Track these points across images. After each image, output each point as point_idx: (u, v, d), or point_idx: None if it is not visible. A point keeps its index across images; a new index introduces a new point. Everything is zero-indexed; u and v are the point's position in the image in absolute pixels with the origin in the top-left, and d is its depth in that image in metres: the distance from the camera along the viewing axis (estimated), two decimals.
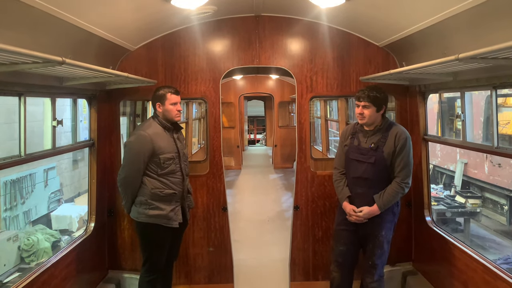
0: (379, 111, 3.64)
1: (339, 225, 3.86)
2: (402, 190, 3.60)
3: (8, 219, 10.75)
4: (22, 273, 8.88)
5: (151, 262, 3.80)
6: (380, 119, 3.69)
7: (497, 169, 12.39)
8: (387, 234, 3.70)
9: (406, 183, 3.60)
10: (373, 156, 3.62)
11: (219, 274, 4.73)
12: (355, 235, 3.76)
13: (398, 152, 3.59)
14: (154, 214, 3.69)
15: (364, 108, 3.63)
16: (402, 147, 3.58)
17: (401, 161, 3.59)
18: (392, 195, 3.59)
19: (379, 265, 3.68)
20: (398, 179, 3.60)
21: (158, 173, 3.71)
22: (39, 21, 2.70)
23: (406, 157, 3.60)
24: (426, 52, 3.78)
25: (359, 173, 3.68)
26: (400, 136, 3.61)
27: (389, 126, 3.69)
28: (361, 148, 3.70)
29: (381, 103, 3.63)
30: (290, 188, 9.48)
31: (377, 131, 3.68)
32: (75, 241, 4.11)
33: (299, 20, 4.65)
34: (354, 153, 3.73)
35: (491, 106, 3.51)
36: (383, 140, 3.63)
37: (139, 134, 3.72)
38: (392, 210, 3.70)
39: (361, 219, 3.64)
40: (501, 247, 10.79)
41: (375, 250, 3.66)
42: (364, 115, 3.63)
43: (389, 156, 3.60)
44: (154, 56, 4.62)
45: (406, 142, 3.60)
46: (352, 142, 3.77)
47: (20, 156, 3.22)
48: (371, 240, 3.68)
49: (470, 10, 2.70)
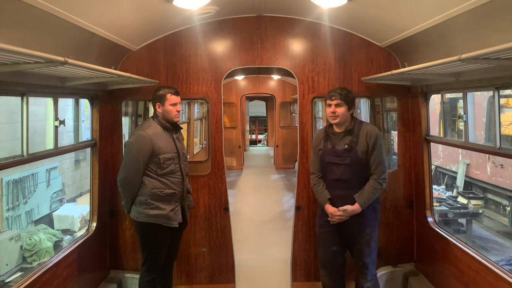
0: (350, 110, 3.73)
1: (322, 227, 3.88)
2: (380, 186, 3.66)
3: (11, 219, 10.78)
4: (24, 273, 8.90)
5: (150, 262, 3.81)
6: (349, 120, 3.76)
7: (499, 170, 12.36)
8: (372, 232, 3.73)
9: (383, 179, 3.67)
10: (348, 157, 3.68)
11: (221, 274, 4.73)
12: (339, 236, 3.78)
13: (371, 150, 3.66)
14: (154, 214, 3.69)
15: (337, 107, 3.71)
16: (374, 144, 3.66)
17: (375, 158, 3.66)
18: (371, 191, 3.65)
19: (370, 264, 3.70)
20: (375, 176, 3.67)
21: (158, 173, 3.72)
22: (41, 21, 2.71)
23: (379, 153, 3.67)
24: (428, 53, 3.77)
25: (337, 175, 3.73)
26: (371, 134, 3.68)
27: (359, 125, 3.75)
28: (335, 150, 3.75)
29: (351, 102, 3.73)
30: (292, 189, 9.47)
31: (348, 132, 3.74)
32: (77, 241, 4.12)
33: (301, 21, 4.65)
34: (329, 156, 3.77)
35: (493, 106, 3.50)
36: (355, 140, 3.69)
37: (138, 134, 3.73)
38: (374, 207, 3.75)
39: (344, 218, 3.67)
40: (503, 248, 10.76)
41: (363, 250, 3.69)
42: (337, 114, 3.71)
43: (364, 155, 3.67)
44: (156, 56, 4.63)
45: (377, 139, 3.68)
46: (325, 145, 3.82)
47: (22, 156, 3.23)
48: (358, 240, 3.71)
49: (472, 10, 2.69)
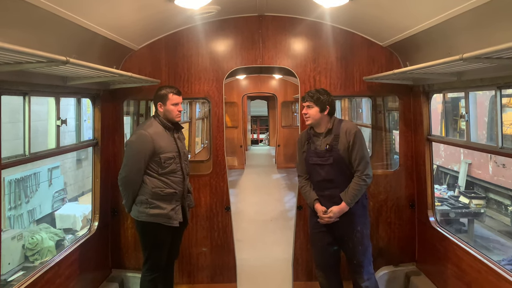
0: (322, 112, 3.74)
1: (313, 228, 3.89)
2: (364, 182, 3.66)
3: (13, 218, 10.81)
4: (26, 272, 8.92)
5: (152, 261, 3.81)
6: (327, 120, 3.78)
7: (501, 169, 12.33)
8: (364, 229, 3.73)
9: (366, 175, 3.67)
10: (330, 157, 3.70)
11: (222, 273, 4.73)
12: (330, 236, 3.78)
13: (352, 147, 3.67)
14: (155, 213, 3.70)
15: (308, 108, 3.76)
16: (354, 141, 3.67)
17: (356, 155, 3.67)
18: (356, 189, 3.65)
19: (364, 261, 3.70)
20: (359, 172, 3.67)
21: (159, 173, 3.72)
22: (43, 20, 2.71)
23: (360, 150, 3.68)
24: (430, 52, 3.77)
25: (322, 176, 3.75)
26: (350, 132, 3.70)
27: (338, 124, 3.77)
28: (318, 151, 3.77)
29: (323, 104, 3.73)
30: (293, 188, 9.48)
31: (328, 132, 3.76)
32: (79, 240, 4.13)
33: (302, 20, 4.65)
34: (312, 157, 3.79)
35: (495, 106, 3.50)
36: (336, 139, 3.71)
37: (140, 134, 3.73)
38: (362, 203, 3.76)
39: (332, 219, 3.68)
40: (505, 248, 10.73)
41: (356, 248, 3.69)
42: (308, 115, 3.76)
43: (345, 153, 3.68)
44: (157, 55, 4.64)
45: (356, 135, 3.69)
46: (309, 147, 3.84)
47: (24, 155, 3.24)
48: (350, 238, 3.71)
49: (474, 9, 2.69)
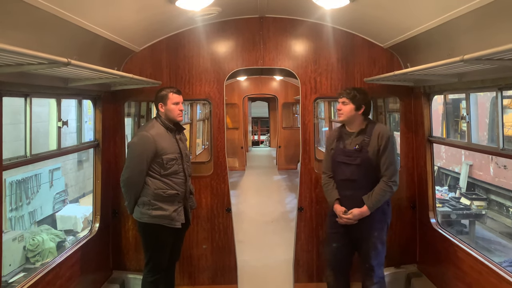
0: (357, 110, 3.69)
1: (330, 228, 3.87)
2: (390, 189, 3.60)
3: (14, 219, 10.81)
4: (27, 273, 8.92)
5: (154, 263, 3.81)
6: (361, 120, 3.74)
7: (502, 171, 12.31)
8: (380, 235, 3.69)
9: (393, 182, 3.61)
10: (358, 157, 3.65)
11: (223, 275, 4.73)
12: (346, 237, 3.76)
13: (382, 151, 3.61)
14: (157, 214, 3.70)
15: (343, 105, 3.71)
16: (386, 146, 3.61)
17: (386, 160, 3.61)
18: (380, 194, 3.59)
19: (376, 266, 3.67)
20: (385, 178, 3.61)
21: (161, 174, 3.73)
22: (44, 22, 2.72)
23: (390, 155, 3.62)
24: (431, 53, 3.77)
25: (346, 175, 3.71)
26: (383, 136, 3.63)
27: (372, 126, 3.72)
28: (346, 150, 3.73)
29: (360, 102, 3.68)
30: (294, 189, 9.47)
31: (360, 132, 3.71)
32: (80, 242, 4.13)
33: (303, 21, 4.65)
34: (340, 155, 3.76)
35: (496, 107, 3.50)
36: (367, 140, 3.65)
37: (142, 135, 3.74)
38: (383, 209, 3.70)
39: (351, 221, 3.64)
40: (506, 249, 10.71)
41: (370, 252, 3.66)
42: (342, 111, 3.72)
43: (374, 156, 3.62)
44: (158, 57, 4.64)
45: (389, 140, 3.63)
46: (338, 145, 3.81)
47: (25, 156, 3.25)
48: (365, 242, 3.68)
49: (475, 11, 2.69)
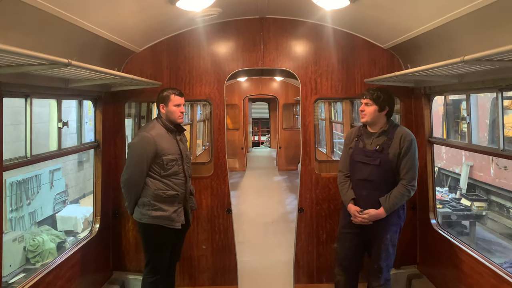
0: (381, 111, 3.65)
1: (344, 228, 3.84)
2: (408, 193, 3.58)
3: (14, 220, 10.80)
4: (27, 274, 8.91)
5: (154, 263, 3.81)
6: (384, 121, 3.69)
7: (503, 172, 12.30)
8: (393, 238, 3.66)
9: (412, 186, 3.58)
10: (378, 158, 3.61)
11: (223, 275, 4.72)
12: (359, 238, 3.74)
13: (403, 154, 3.57)
14: (157, 215, 3.70)
15: (366, 106, 3.67)
16: (408, 149, 3.57)
17: (406, 163, 3.57)
18: (398, 197, 3.57)
19: (385, 268, 3.65)
20: (404, 181, 3.58)
21: (161, 175, 3.73)
22: (45, 23, 2.72)
23: (411, 159, 3.58)
24: (432, 54, 3.77)
25: (364, 175, 3.66)
26: (405, 138, 3.60)
27: (394, 128, 3.69)
28: (366, 150, 3.69)
29: (383, 103, 3.64)
30: (294, 190, 9.46)
31: (382, 133, 3.67)
32: (80, 242, 4.13)
33: (303, 22, 4.65)
34: (359, 155, 3.72)
35: (497, 108, 3.49)
36: (388, 142, 3.62)
37: (142, 136, 3.74)
38: (398, 213, 3.67)
39: (366, 221, 3.62)
40: (507, 250, 10.69)
41: (381, 254, 3.63)
42: (365, 112, 3.68)
43: (394, 158, 3.58)
44: (159, 58, 4.64)
45: (411, 144, 3.59)
46: (357, 144, 3.77)
47: (26, 157, 3.25)
48: (376, 243, 3.65)
49: (476, 12, 2.68)
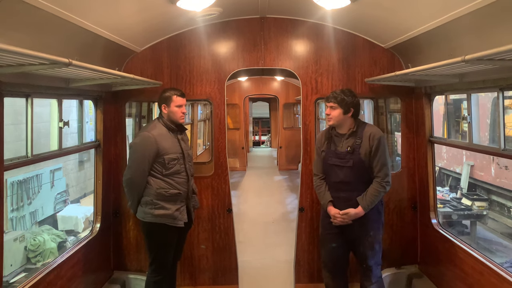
0: (346, 114, 3.69)
1: (325, 229, 3.87)
2: (383, 189, 3.64)
3: (15, 220, 10.82)
4: (28, 273, 8.92)
5: (158, 262, 3.82)
6: (351, 122, 3.74)
7: (504, 171, 12.28)
8: (376, 234, 3.70)
9: (386, 182, 3.64)
10: (350, 159, 3.66)
11: (224, 275, 4.73)
12: (341, 238, 3.77)
13: (374, 152, 3.62)
14: (160, 213, 3.72)
15: (331, 109, 3.71)
16: (377, 147, 3.62)
17: (378, 161, 3.62)
18: (374, 194, 3.62)
19: (374, 266, 3.68)
20: (379, 179, 3.64)
21: (163, 174, 3.75)
22: (46, 23, 2.72)
23: (382, 156, 3.63)
24: (432, 54, 3.76)
25: (340, 177, 3.71)
26: (374, 136, 3.64)
27: (362, 127, 3.73)
28: (338, 152, 3.73)
29: (348, 106, 3.68)
30: (295, 190, 9.47)
31: (351, 134, 3.72)
32: (81, 242, 4.13)
33: (304, 22, 4.65)
34: (332, 158, 3.76)
35: (497, 108, 3.49)
36: (358, 142, 3.66)
37: (143, 135, 3.76)
38: (377, 209, 3.72)
39: (346, 221, 3.65)
40: (508, 250, 10.68)
41: (367, 252, 3.67)
42: (331, 116, 3.72)
43: (366, 157, 3.63)
44: (159, 57, 4.65)
45: (380, 141, 3.64)
46: (328, 147, 3.80)
47: (27, 156, 3.25)
48: (361, 242, 3.69)
49: (476, 11, 2.68)
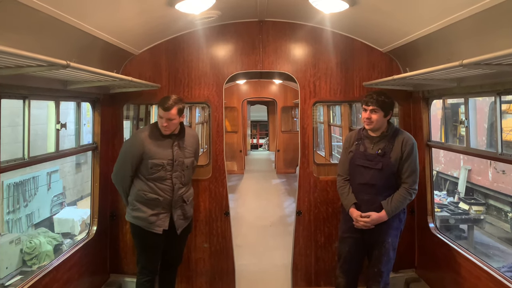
0: (386, 116, 3.63)
1: (345, 232, 3.82)
2: (410, 196, 3.59)
3: (11, 222, 10.76)
4: (24, 276, 8.88)
5: (141, 264, 3.84)
6: (386, 125, 3.68)
7: (501, 176, 12.32)
8: (393, 241, 3.66)
9: (414, 189, 3.60)
10: (380, 162, 3.60)
11: (221, 279, 4.70)
12: (360, 242, 3.73)
13: (405, 158, 3.57)
14: (136, 215, 3.75)
15: (372, 113, 3.60)
16: (409, 153, 3.58)
17: (408, 167, 3.58)
18: (400, 201, 3.57)
19: (385, 272, 3.64)
20: (406, 185, 3.58)
21: (146, 177, 3.74)
22: (44, 24, 2.72)
23: (413, 163, 3.59)
24: (430, 58, 3.77)
25: (365, 179, 3.65)
26: (407, 142, 3.61)
27: (395, 132, 3.69)
28: (367, 154, 3.67)
29: (388, 108, 3.63)
30: (293, 193, 9.46)
31: (383, 137, 3.66)
32: (77, 245, 4.11)
33: (302, 25, 4.66)
34: (360, 159, 3.70)
35: (495, 112, 3.50)
36: (390, 146, 3.61)
37: (133, 135, 3.87)
38: (399, 216, 3.67)
39: (368, 225, 3.61)
40: (505, 254, 10.70)
41: (381, 257, 3.62)
42: (372, 120, 3.60)
43: (396, 162, 3.58)
44: (158, 60, 4.64)
45: (413, 148, 3.60)
46: (358, 148, 3.74)
47: (23, 159, 3.24)
48: (377, 247, 3.64)
49: (474, 16, 2.69)
